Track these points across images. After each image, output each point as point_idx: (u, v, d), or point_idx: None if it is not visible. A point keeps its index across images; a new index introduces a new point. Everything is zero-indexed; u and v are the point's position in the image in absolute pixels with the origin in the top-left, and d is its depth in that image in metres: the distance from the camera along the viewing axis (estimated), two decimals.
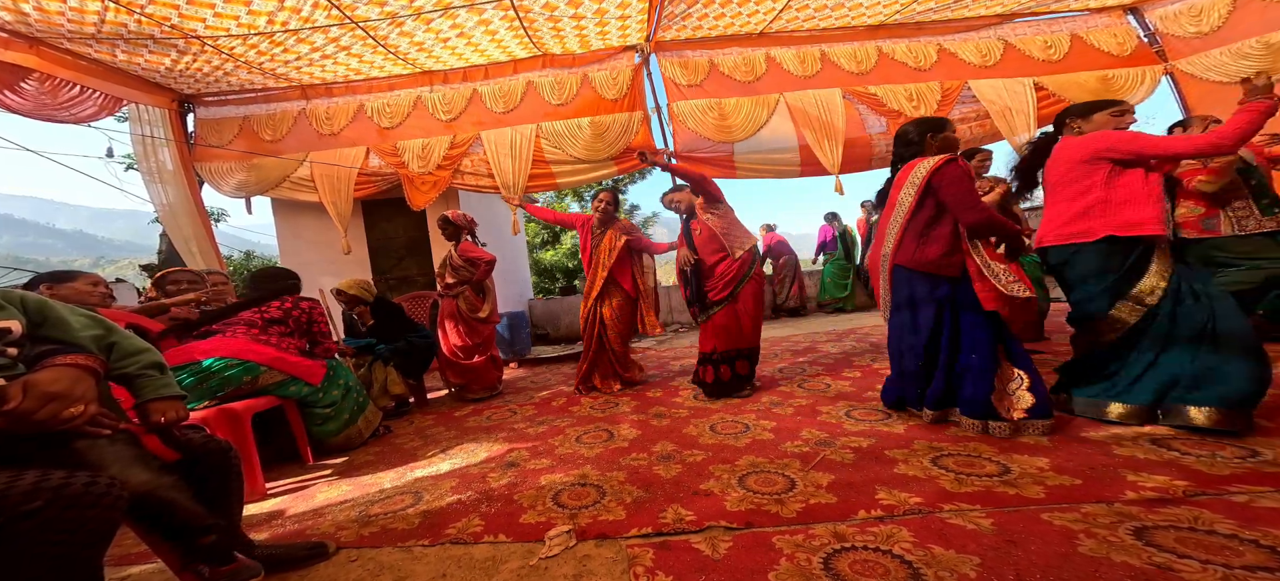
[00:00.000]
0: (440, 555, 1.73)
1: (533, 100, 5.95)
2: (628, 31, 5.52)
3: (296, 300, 3.18)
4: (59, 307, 1.40)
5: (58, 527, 1.00)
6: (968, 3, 5.64)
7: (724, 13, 5.43)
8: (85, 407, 1.18)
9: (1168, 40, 5.87)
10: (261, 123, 5.94)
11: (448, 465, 2.69)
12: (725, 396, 3.46)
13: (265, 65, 5.28)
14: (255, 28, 4.54)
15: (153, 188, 5.61)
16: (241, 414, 2.60)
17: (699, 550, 1.57)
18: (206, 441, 1.56)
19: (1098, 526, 1.47)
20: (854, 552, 1.47)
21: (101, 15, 4.09)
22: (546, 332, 8.56)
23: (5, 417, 1.07)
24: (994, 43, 6.02)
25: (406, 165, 5.88)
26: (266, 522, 2.21)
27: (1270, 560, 1.25)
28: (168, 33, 4.44)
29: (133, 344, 1.47)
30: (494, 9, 4.75)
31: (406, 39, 5.11)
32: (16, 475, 1.00)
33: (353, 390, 3.26)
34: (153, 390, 1.43)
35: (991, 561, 1.37)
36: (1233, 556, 1.28)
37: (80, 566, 1.05)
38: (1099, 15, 6.08)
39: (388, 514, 2.12)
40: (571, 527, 1.78)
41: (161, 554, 1.45)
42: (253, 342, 2.84)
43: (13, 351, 1.27)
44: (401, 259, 7.08)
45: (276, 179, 5.91)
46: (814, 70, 5.96)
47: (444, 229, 4.54)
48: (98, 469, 1.13)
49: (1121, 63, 5.91)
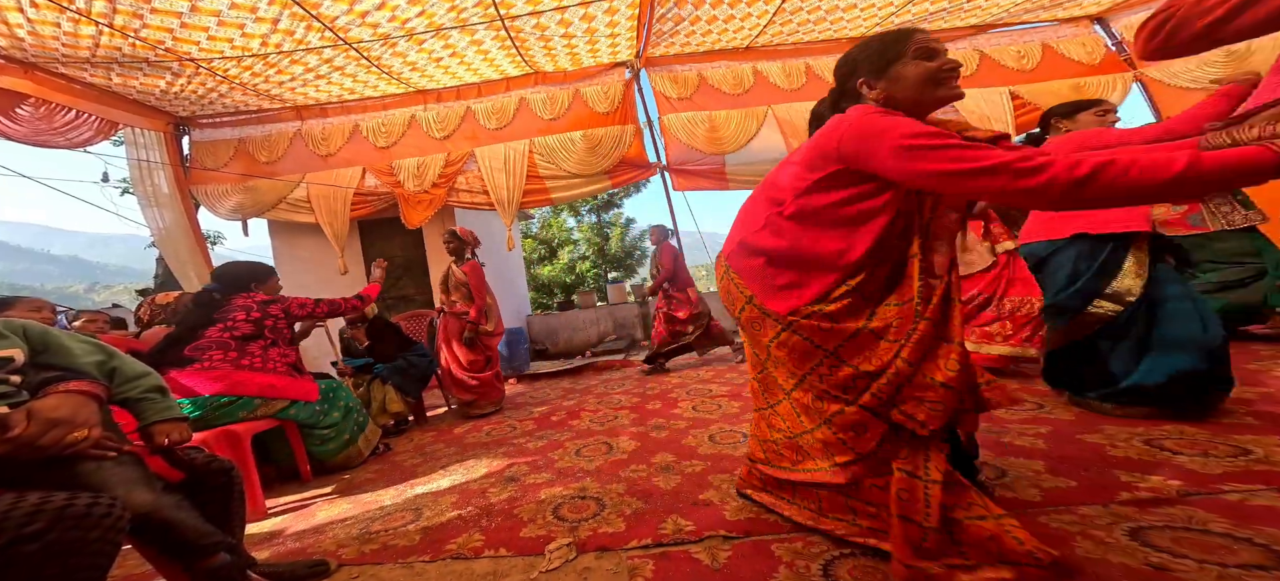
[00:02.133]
0: (441, 570, 1.73)
1: (525, 116, 6.02)
2: (617, 48, 5.60)
3: (262, 305, 2.96)
4: (60, 335, 1.41)
5: (60, 549, 1.00)
6: (944, 14, 5.75)
7: (711, 29, 5.52)
8: (89, 432, 1.20)
9: (1134, 48, 5.99)
10: (257, 144, 5.98)
11: (447, 481, 2.69)
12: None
13: (260, 87, 5.32)
14: (249, 50, 4.58)
15: (149, 211, 5.63)
16: (242, 435, 2.60)
17: (699, 560, 1.58)
18: (209, 461, 1.57)
19: (1094, 527, 1.49)
20: (852, 558, 1.48)
21: (96, 39, 4.13)
22: (545, 348, 8.55)
23: (10, 444, 1.09)
24: (970, 53, 6.17)
25: (402, 184, 5.92)
26: (267, 541, 2.21)
27: (1265, 558, 1.27)
28: (162, 56, 4.48)
29: (134, 368, 1.49)
30: (486, 29, 4.82)
31: (400, 59, 5.17)
32: (19, 497, 1.01)
33: (354, 411, 3.26)
34: (156, 413, 1.45)
35: None
36: (1228, 555, 1.30)
37: None
38: (1068, 26, 6.26)
39: (388, 531, 2.12)
40: (572, 540, 1.78)
41: (167, 574, 1.45)
42: (236, 372, 2.67)
43: (16, 379, 1.29)
44: (398, 278, 7.09)
45: (272, 200, 5.93)
46: (800, 83, 6.06)
47: (449, 244, 4.55)
48: (101, 490, 1.14)
49: (1092, 71, 6.05)
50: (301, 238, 6.65)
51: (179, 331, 2.77)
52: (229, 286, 3.02)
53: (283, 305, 3.04)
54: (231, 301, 2.93)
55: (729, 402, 3.58)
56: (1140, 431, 2.16)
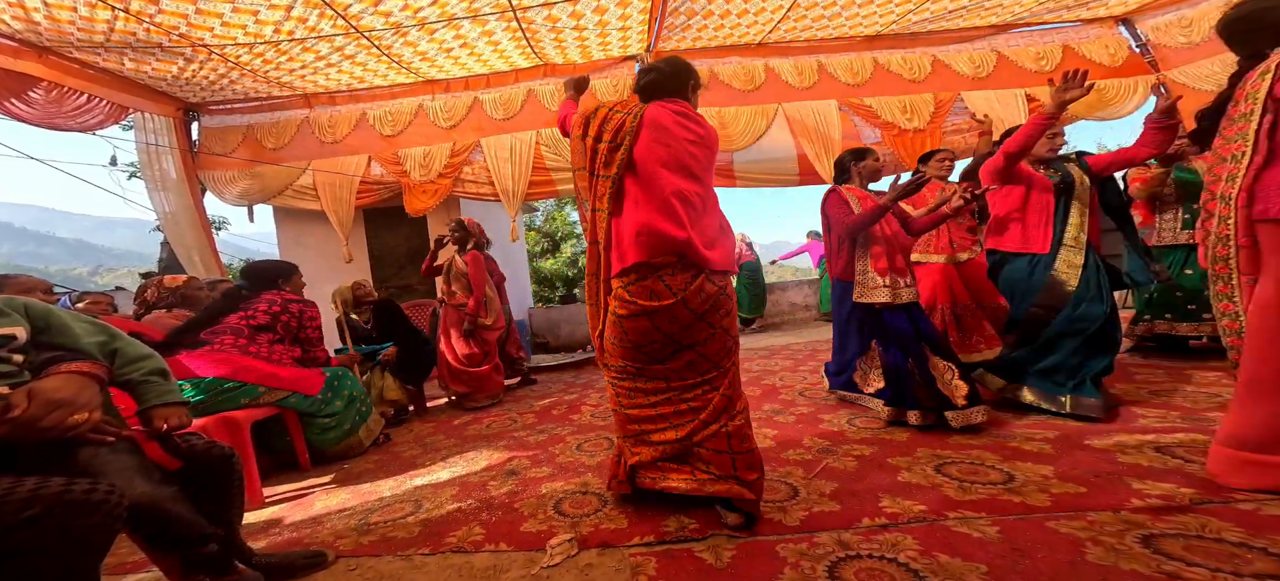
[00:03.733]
0: (441, 564, 1.72)
1: (533, 108, 5.98)
2: (628, 42, 5.56)
3: (285, 302, 3.03)
4: (62, 314, 1.40)
5: (55, 535, 0.98)
6: (963, 13, 5.67)
7: (723, 23, 5.47)
8: (89, 414, 1.18)
9: (1159, 50, 5.88)
10: (265, 131, 5.97)
11: (448, 473, 2.68)
12: None
13: (271, 74, 5.31)
14: (262, 37, 4.56)
15: (155, 196, 5.63)
16: (241, 422, 2.59)
17: (702, 559, 1.56)
18: (209, 447, 1.55)
19: (1105, 534, 1.46)
20: (859, 560, 1.46)
21: (110, 24, 4.12)
22: (546, 341, 8.54)
23: (10, 425, 1.07)
24: (987, 54, 6.05)
25: (408, 173, 5.90)
26: (264, 531, 2.20)
27: (1279, 568, 1.25)
28: (176, 41, 4.47)
29: (136, 350, 1.47)
30: (497, 20, 4.79)
31: (410, 49, 5.14)
32: (16, 482, 0.99)
33: (356, 400, 3.24)
34: (156, 396, 1.43)
35: (1000, 569, 1.36)
36: (1242, 564, 1.27)
37: (77, 574, 1.04)
38: (1091, 26, 6.11)
39: (387, 522, 2.11)
40: (573, 536, 1.77)
41: (160, 564, 1.44)
42: (242, 357, 2.73)
43: (18, 358, 1.27)
44: (402, 267, 7.08)
45: (279, 187, 5.93)
46: (811, 81, 5.99)
47: (455, 233, 4.52)
48: (98, 478, 1.13)
49: (1113, 73, 5.93)
50: (307, 225, 6.65)
51: (201, 316, 2.87)
52: (257, 283, 3.12)
53: (302, 313, 3.08)
54: (259, 295, 3.02)
55: None
56: (1150, 439, 2.13)
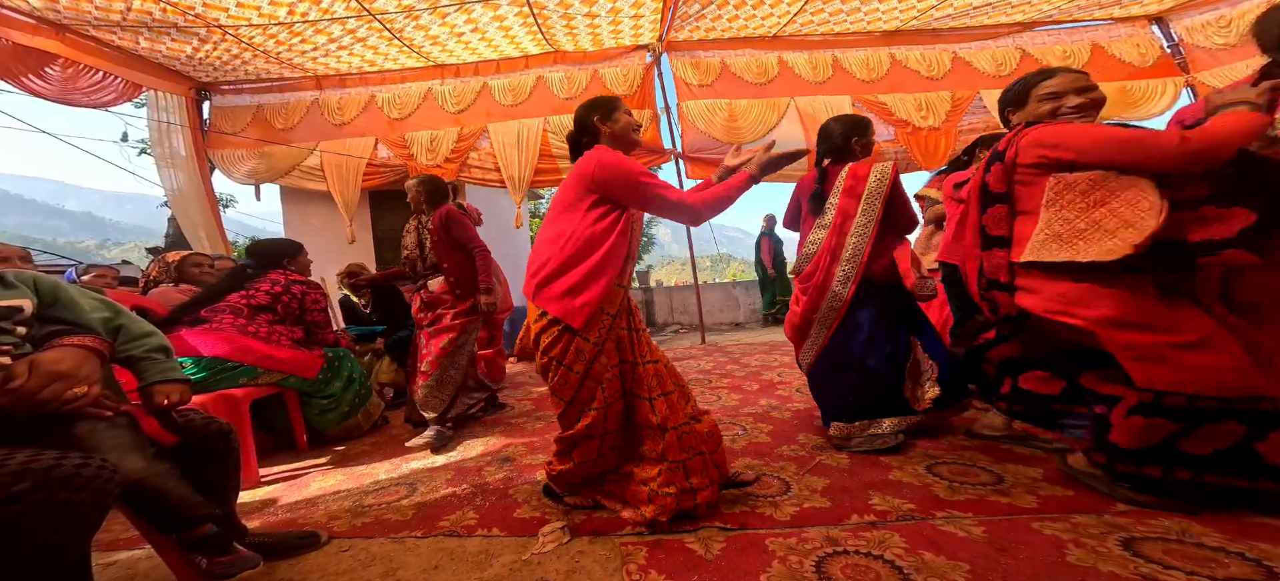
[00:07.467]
0: (433, 547, 1.74)
1: (541, 94, 5.98)
2: (640, 30, 5.53)
3: (288, 282, 3.03)
4: (70, 289, 1.42)
5: (45, 510, 0.96)
6: (989, 10, 5.57)
7: (738, 15, 5.43)
8: (88, 388, 1.19)
9: (1191, 51, 5.78)
10: (274, 111, 6.01)
11: (443, 458, 2.70)
12: None
13: (282, 55, 5.34)
14: (275, 18, 4.58)
15: (165, 172, 5.70)
16: (240, 399, 2.61)
17: (692, 549, 1.58)
18: (207, 423, 1.57)
19: (1087, 536, 1.47)
20: (846, 557, 1.47)
21: (128, 3, 4.15)
22: None
23: (10, 396, 1.08)
24: (1011, 51, 5.95)
25: (414, 157, 5.93)
26: (259, 510, 2.23)
27: (1256, 572, 1.25)
28: (191, 21, 4.50)
29: (139, 327, 1.49)
30: (509, 5, 4.78)
31: (422, 33, 5.15)
32: (7, 455, 0.98)
33: (355, 382, 3.25)
34: (157, 373, 1.45)
35: (981, 568, 1.37)
36: (1218, 568, 1.28)
37: (68, 550, 1.02)
38: (1122, 25, 5.98)
39: (381, 505, 2.13)
40: (566, 524, 1.78)
41: (155, 542, 1.45)
42: (241, 337, 2.71)
43: (22, 330, 1.30)
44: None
45: (286, 167, 5.98)
46: (825, 75, 5.95)
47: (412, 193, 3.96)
48: (94, 452, 1.14)
49: (1142, 74, 5.82)
50: (312, 205, 6.69)
51: (205, 293, 2.87)
52: (263, 262, 3.13)
53: (304, 295, 3.07)
54: (264, 275, 3.03)
55: (729, 395, 3.57)
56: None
